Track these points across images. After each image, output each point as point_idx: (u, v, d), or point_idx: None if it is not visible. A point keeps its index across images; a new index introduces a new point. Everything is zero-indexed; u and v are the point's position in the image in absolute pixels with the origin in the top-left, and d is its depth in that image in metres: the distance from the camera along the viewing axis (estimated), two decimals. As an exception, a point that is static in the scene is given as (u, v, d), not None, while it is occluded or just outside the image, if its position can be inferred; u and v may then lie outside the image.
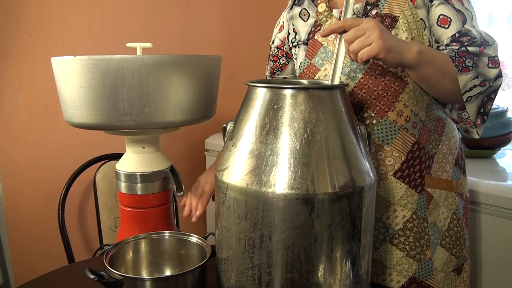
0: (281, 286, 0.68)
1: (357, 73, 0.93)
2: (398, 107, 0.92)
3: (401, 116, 0.92)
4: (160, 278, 0.83)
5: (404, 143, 0.93)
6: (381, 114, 0.92)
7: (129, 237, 0.88)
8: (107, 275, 0.75)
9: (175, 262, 0.91)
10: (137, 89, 0.84)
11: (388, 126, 0.92)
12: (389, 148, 0.93)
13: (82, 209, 1.73)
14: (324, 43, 0.99)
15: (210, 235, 0.87)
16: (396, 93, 0.91)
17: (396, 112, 0.92)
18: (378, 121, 0.92)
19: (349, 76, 0.94)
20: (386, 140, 0.93)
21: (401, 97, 0.91)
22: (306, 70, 1.02)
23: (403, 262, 0.95)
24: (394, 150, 0.93)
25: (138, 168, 0.96)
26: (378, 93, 0.91)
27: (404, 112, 0.92)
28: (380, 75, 0.91)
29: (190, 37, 1.99)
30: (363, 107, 0.93)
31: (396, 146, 0.93)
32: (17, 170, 1.53)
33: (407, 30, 0.89)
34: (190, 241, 0.89)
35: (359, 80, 0.92)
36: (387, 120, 0.92)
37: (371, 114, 0.93)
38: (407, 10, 0.90)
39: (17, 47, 1.48)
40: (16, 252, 1.55)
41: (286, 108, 0.68)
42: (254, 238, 0.68)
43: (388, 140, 0.93)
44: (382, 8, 0.92)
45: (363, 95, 0.92)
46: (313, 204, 0.65)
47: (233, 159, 0.71)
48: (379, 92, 0.91)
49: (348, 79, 0.93)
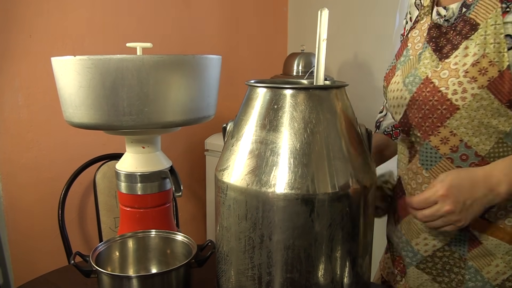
0: (281, 286, 0.68)
1: (413, 86, 0.83)
2: (443, 133, 0.79)
3: (445, 144, 0.80)
4: (146, 275, 0.84)
5: None
6: (424, 136, 0.82)
7: (116, 236, 0.89)
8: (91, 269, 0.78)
9: (161, 260, 0.92)
10: (137, 89, 0.84)
11: (429, 151, 0.82)
12: (428, 174, 0.83)
13: (82, 209, 1.73)
14: (409, 45, 0.88)
15: (208, 244, 0.88)
16: (442, 117, 0.79)
17: (439, 138, 0.80)
18: (422, 142, 0.83)
19: (407, 87, 0.84)
20: (426, 165, 0.83)
21: (448, 123, 0.78)
22: (390, 72, 0.92)
23: (427, 284, 0.89)
24: (432, 178, 0.82)
25: (138, 168, 0.96)
26: (425, 113, 0.81)
27: (451, 140, 0.79)
28: (430, 93, 0.80)
29: (190, 37, 1.99)
30: (411, 124, 0.84)
31: (435, 175, 0.82)
32: (17, 170, 1.53)
33: (480, 44, 0.75)
34: (176, 239, 0.90)
35: (413, 94, 0.83)
36: (429, 145, 0.82)
37: (417, 134, 0.84)
38: (491, 19, 0.74)
39: (17, 47, 1.48)
40: (16, 251, 1.55)
41: (286, 108, 0.68)
42: (254, 238, 0.68)
43: (427, 165, 0.83)
44: (471, 11, 0.79)
45: (415, 111, 0.83)
46: (313, 204, 0.65)
47: (233, 159, 0.71)
48: (425, 111, 0.81)
49: (406, 91, 0.84)
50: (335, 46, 2.20)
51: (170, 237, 0.91)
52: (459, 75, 0.76)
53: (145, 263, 0.92)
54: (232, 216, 0.70)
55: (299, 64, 2.03)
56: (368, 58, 2.15)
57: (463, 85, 0.75)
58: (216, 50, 2.08)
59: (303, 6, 2.38)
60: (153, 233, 0.92)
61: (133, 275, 0.88)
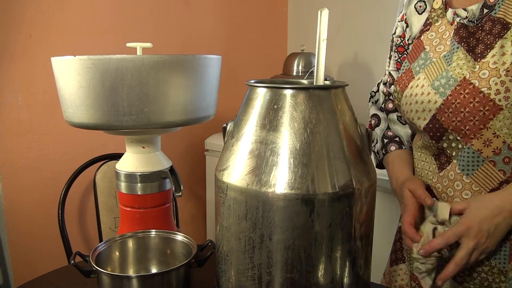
0: (281, 286, 0.68)
1: (446, 89, 0.81)
2: (486, 135, 0.78)
3: (488, 146, 0.78)
4: (146, 275, 0.84)
5: (488, 178, 0.80)
6: (465, 140, 0.80)
7: (116, 236, 0.89)
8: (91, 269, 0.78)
9: (161, 260, 0.92)
10: (137, 89, 0.84)
11: (471, 155, 0.80)
12: (469, 180, 0.81)
13: (82, 209, 1.73)
14: (426, 48, 0.87)
15: (208, 244, 0.88)
16: (485, 118, 0.77)
17: (482, 140, 0.78)
18: (462, 146, 0.81)
19: (437, 91, 0.82)
20: (467, 171, 0.81)
21: (491, 124, 0.77)
22: (404, 75, 0.91)
23: None
24: (474, 184, 0.80)
25: (138, 168, 0.96)
26: (465, 115, 0.79)
27: (494, 142, 0.78)
28: (470, 95, 0.78)
29: (190, 37, 1.99)
30: (448, 128, 0.82)
31: (477, 179, 0.80)
32: (17, 170, 1.53)
33: None
34: (176, 239, 0.90)
35: (447, 97, 0.80)
36: (471, 148, 0.79)
37: (456, 137, 0.81)
38: None
39: (17, 47, 1.48)
40: (16, 251, 1.55)
41: (286, 108, 0.68)
42: (254, 238, 0.68)
43: (468, 171, 0.80)
44: (497, 11, 0.78)
45: (449, 114, 0.81)
46: (313, 204, 0.65)
47: (233, 159, 0.71)
48: (465, 114, 0.79)
49: (437, 94, 0.82)
50: (335, 46, 2.20)
51: (170, 237, 0.91)
52: (501, 74, 0.75)
53: (145, 263, 0.92)
54: (232, 216, 0.70)
55: (299, 64, 2.03)
56: (368, 58, 2.15)
57: (506, 84, 0.75)
58: (216, 50, 2.08)
59: (303, 6, 2.38)
60: (153, 233, 0.92)
61: (133, 275, 0.88)
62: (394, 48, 1.00)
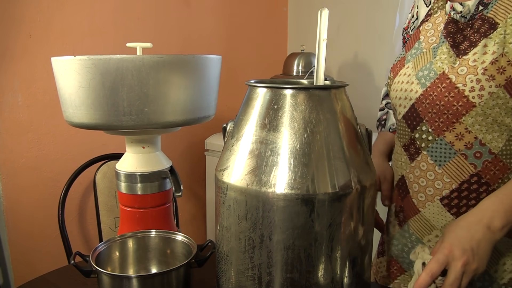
0: (281, 286, 0.68)
1: (427, 81, 0.83)
2: (458, 129, 0.80)
3: (460, 140, 0.80)
4: (146, 275, 0.84)
5: (459, 171, 0.81)
6: (438, 132, 0.82)
7: (116, 236, 0.89)
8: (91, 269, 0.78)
9: (161, 260, 0.92)
10: (137, 89, 0.84)
11: (443, 147, 0.82)
12: (441, 170, 0.83)
13: (82, 209, 1.73)
14: (421, 38, 0.88)
15: (208, 244, 0.88)
16: (458, 113, 0.79)
17: (454, 134, 0.80)
18: (434, 138, 0.83)
19: (420, 81, 0.84)
20: (439, 161, 0.83)
21: (463, 119, 0.79)
22: (398, 63, 0.93)
23: None
24: (445, 175, 0.82)
25: (138, 168, 0.96)
26: (439, 108, 0.81)
27: (466, 136, 0.79)
28: (446, 89, 0.80)
29: (190, 37, 1.99)
30: (423, 119, 0.84)
31: (448, 171, 0.82)
32: (17, 170, 1.53)
33: (499, 43, 0.75)
34: (176, 239, 0.90)
35: (427, 88, 0.83)
36: (444, 140, 0.81)
37: (428, 129, 0.83)
38: (511, 18, 0.76)
39: (17, 47, 1.48)
40: (16, 251, 1.55)
41: (286, 108, 0.68)
42: (254, 238, 0.68)
43: (440, 162, 0.82)
44: (489, 10, 0.79)
45: (426, 105, 0.83)
46: (313, 204, 0.65)
47: (233, 159, 0.71)
48: (440, 107, 0.81)
49: (418, 85, 0.85)
50: (335, 46, 2.20)
51: (170, 237, 0.91)
52: (478, 72, 0.76)
53: (145, 263, 0.92)
54: (232, 216, 0.70)
55: (299, 64, 2.03)
56: (368, 58, 2.15)
57: (481, 82, 0.76)
58: (216, 50, 2.08)
59: (303, 6, 2.38)
60: (153, 233, 0.92)
61: (133, 275, 0.88)
62: (404, 43, 1.01)
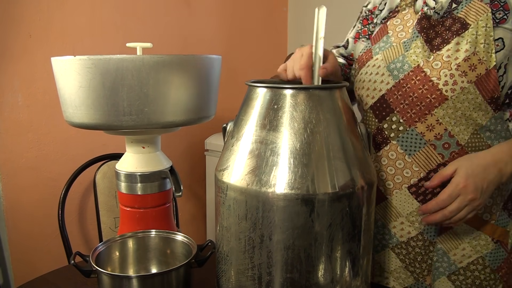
0: (281, 286, 0.68)
1: (400, 73, 0.85)
2: (429, 120, 0.83)
3: (431, 131, 0.83)
4: (146, 275, 0.84)
5: (428, 160, 0.84)
6: (409, 122, 0.85)
7: (116, 236, 0.89)
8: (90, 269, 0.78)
9: (161, 260, 0.92)
10: (137, 89, 0.84)
11: (414, 137, 0.85)
12: (410, 159, 0.86)
13: (82, 209, 1.73)
14: (390, 32, 0.91)
15: (208, 244, 0.88)
16: (430, 105, 0.82)
17: (426, 125, 0.84)
18: (405, 128, 0.85)
19: (392, 73, 0.87)
20: (409, 151, 0.85)
21: (435, 112, 0.82)
22: (364, 55, 0.94)
23: (400, 271, 0.92)
24: (414, 164, 0.85)
25: (138, 168, 0.96)
26: (413, 100, 0.84)
27: (436, 128, 0.83)
28: (420, 82, 0.83)
29: (190, 37, 1.99)
30: (394, 110, 0.86)
31: (417, 160, 0.85)
32: (17, 170, 1.53)
33: (471, 42, 0.80)
34: (176, 239, 0.90)
35: (400, 80, 0.85)
36: (415, 131, 0.84)
37: (399, 119, 0.86)
38: (482, 21, 0.80)
39: (17, 47, 1.48)
40: (16, 251, 1.55)
41: (286, 108, 0.68)
42: (254, 238, 0.68)
43: (410, 151, 0.85)
44: (459, 10, 0.83)
45: (398, 96, 0.85)
46: (313, 204, 0.65)
47: (233, 159, 0.71)
48: (413, 98, 0.84)
49: (390, 76, 0.87)
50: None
51: (170, 237, 0.91)
52: (451, 67, 0.81)
53: (145, 263, 0.92)
54: (232, 216, 0.70)
55: (299, 64, 2.03)
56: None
57: (455, 77, 0.80)
58: (216, 50, 2.08)
59: (303, 6, 2.38)
60: (153, 233, 0.92)
61: (133, 275, 0.88)
62: (360, 19, 1.05)
